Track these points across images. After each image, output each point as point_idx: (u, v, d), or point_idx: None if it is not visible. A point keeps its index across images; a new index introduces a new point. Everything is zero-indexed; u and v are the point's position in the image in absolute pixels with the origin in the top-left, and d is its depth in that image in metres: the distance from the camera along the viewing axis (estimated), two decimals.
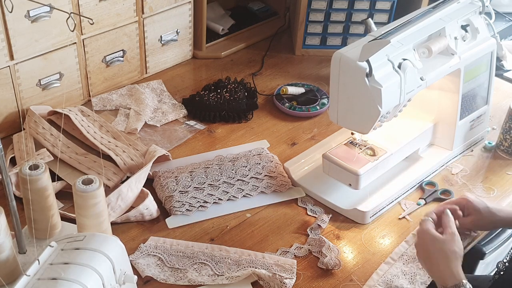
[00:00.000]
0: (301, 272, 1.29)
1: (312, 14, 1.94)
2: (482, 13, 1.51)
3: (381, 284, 1.26)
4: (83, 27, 1.63)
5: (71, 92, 1.69)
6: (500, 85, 1.89)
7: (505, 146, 1.60)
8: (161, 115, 1.72)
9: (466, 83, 1.53)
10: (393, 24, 1.34)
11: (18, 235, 1.11)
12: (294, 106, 1.75)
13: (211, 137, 1.66)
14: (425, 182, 1.51)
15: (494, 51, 1.56)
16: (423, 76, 1.38)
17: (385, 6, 1.93)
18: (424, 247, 1.24)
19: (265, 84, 1.88)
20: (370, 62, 1.28)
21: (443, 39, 1.42)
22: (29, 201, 1.14)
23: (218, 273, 1.27)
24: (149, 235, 1.36)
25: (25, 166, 1.13)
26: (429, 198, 1.47)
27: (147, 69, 1.87)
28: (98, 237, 1.04)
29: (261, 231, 1.39)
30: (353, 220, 1.42)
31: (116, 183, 1.44)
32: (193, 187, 1.46)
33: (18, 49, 1.51)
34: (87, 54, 1.68)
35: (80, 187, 1.10)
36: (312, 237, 1.37)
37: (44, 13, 1.51)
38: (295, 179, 1.51)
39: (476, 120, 1.60)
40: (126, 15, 1.71)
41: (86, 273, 0.96)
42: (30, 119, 1.56)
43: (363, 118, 1.35)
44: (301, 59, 2.01)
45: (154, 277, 1.26)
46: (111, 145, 1.52)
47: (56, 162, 1.43)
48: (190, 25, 1.91)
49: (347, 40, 1.99)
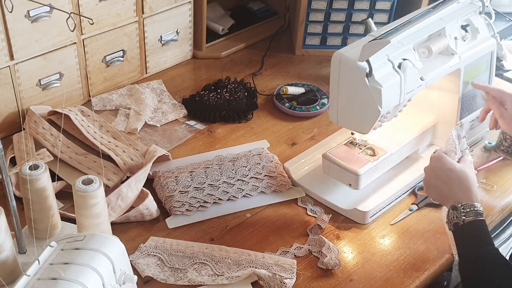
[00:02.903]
0: (301, 272, 1.29)
1: (312, 14, 1.94)
2: (482, 13, 1.51)
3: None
4: (83, 27, 1.63)
5: (71, 92, 1.69)
6: (500, 85, 1.88)
7: (505, 146, 1.60)
8: (161, 115, 1.72)
9: (466, 83, 1.53)
10: (393, 24, 1.34)
11: (18, 235, 1.11)
12: (294, 106, 1.75)
13: (211, 137, 1.66)
14: (418, 187, 1.50)
15: (494, 51, 1.56)
16: (423, 76, 1.38)
17: (385, 6, 1.93)
18: (438, 171, 1.30)
19: (265, 84, 1.88)
20: (370, 62, 1.28)
21: (443, 39, 1.42)
22: (29, 201, 1.14)
23: (218, 273, 1.27)
24: (149, 235, 1.36)
25: (25, 166, 1.12)
26: (421, 204, 1.46)
27: (147, 69, 1.87)
28: (98, 237, 1.04)
29: (261, 231, 1.39)
30: (353, 220, 1.42)
31: (116, 183, 1.44)
32: (193, 187, 1.46)
33: (18, 49, 1.51)
34: (87, 54, 1.68)
35: (80, 187, 1.10)
36: (312, 237, 1.37)
37: (44, 13, 1.51)
38: (295, 179, 1.51)
39: (476, 120, 1.60)
40: (126, 15, 1.71)
41: (86, 273, 0.96)
42: (30, 119, 1.56)
43: (363, 118, 1.35)
44: (301, 59, 2.01)
45: (154, 277, 1.26)
46: (111, 145, 1.52)
47: (56, 162, 1.43)
48: (190, 25, 1.91)
49: (347, 40, 1.99)
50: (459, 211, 1.22)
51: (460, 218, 1.21)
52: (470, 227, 1.20)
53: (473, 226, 1.20)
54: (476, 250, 1.18)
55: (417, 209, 1.45)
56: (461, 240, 1.22)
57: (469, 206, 1.21)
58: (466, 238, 1.21)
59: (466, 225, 1.21)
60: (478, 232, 1.20)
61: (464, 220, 1.21)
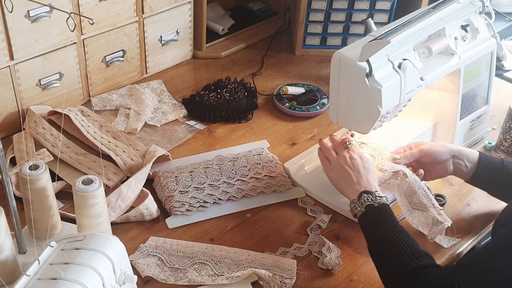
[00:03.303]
0: (301, 272, 1.29)
1: (312, 14, 1.94)
2: (482, 13, 1.51)
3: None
4: (83, 27, 1.63)
5: (71, 92, 1.69)
6: (500, 85, 1.89)
7: (505, 146, 1.60)
8: (161, 115, 1.72)
9: (466, 83, 1.53)
10: (393, 24, 1.34)
11: (18, 235, 1.11)
12: (294, 106, 1.75)
13: (211, 137, 1.66)
14: None
15: (494, 51, 1.56)
16: (423, 76, 1.38)
17: (385, 6, 1.93)
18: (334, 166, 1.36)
19: (265, 84, 1.88)
20: (370, 62, 1.28)
21: (443, 39, 1.42)
22: (29, 201, 1.14)
23: (218, 273, 1.27)
24: (149, 235, 1.36)
25: (25, 166, 1.13)
26: None
27: (147, 69, 1.87)
28: (98, 237, 1.04)
29: (261, 231, 1.39)
30: (353, 220, 1.42)
31: (116, 183, 1.44)
32: (193, 187, 1.46)
33: (18, 49, 1.51)
34: (87, 54, 1.68)
35: (80, 187, 1.10)
36: (312, 237, 1.37)
37: (44, 13, 1.51)
38: (295, 179, 1.51)
39: (476, 120, 1.60)
40: (126, 15, 1.71)
41: (86, 273, 0.96)
42: (30, 119, 1.56)
43: (363, 118, 1.35)
44: (301, 59, 2.01)
45: (154, 277, 1.26)
46: (111, 145, 1.52)
47: (56, 162, 1.43)
48: (190, 25, 1.91)
49: (347, 40, 1.99)
50: (373, 195, 1.26)
51: (375, 201, 1.25)
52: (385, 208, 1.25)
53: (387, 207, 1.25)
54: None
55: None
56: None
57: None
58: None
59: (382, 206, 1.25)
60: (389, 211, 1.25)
61: (380, 201, 1.25)
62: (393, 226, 1.21)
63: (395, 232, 1.19)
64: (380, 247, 1.21)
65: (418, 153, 1.40)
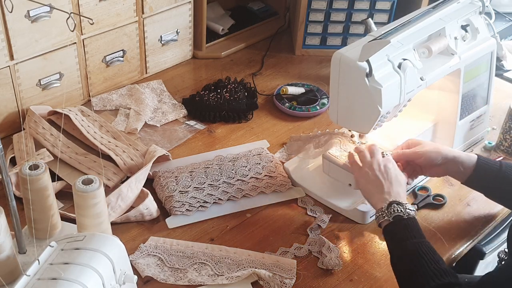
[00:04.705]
0: (301, 272, 1.29)
1: (312, 14, 1.94)
2: (482, 13, 1.51)
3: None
4: (83, 27, 1.63)
5: (71, 92, 1.69)
6: (500, 85, 1.89)
7: (505, 146, 1.60)
8: (161, 115, 1.72)
9: (466, 83, 1.52)
10: (393, 24, 1.34)
11: (18, 235, 1.11)
12: (294, 106, 1.75)
13: (211, 137, 1.66)
14: (418, 187, 1.50)
15: (494, 51, 1.56)
16: (423, 76, 1.38)
17: (385, 6, 1.93)
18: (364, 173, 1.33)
19: (265, 84, 1.88)
20: (370, 62, 1.28)
21: (443, 39, 1.42)
22: (29, 201, 1.14)
23: (218, 273, 1.27)
24: (149, 235, 1.36)
25: (25, 166, 1.12)
26: (421, 203, 1.46)
27: (147, 69, 1.87)
28: (98, 237, 1.04)
29: (261, 231, 1.39)
30: (353, 220, 1.42)
31: (116, 183, 1.44)
32: (193, 187, 1.46)
33: (18, 49, 1.51)
34: (87, 54, 1.68)
35: (80, 187, 1.10)
36: (312, 237, 1.37)
37: (44, 13, 1.51)
38: (295, 179, 1.51)
39: (476, 120, 1.60)
40: (126, 15, 1.71)
41: (86, 273, 0.96)
42: (30, 119, 1.56)
43: (363, 118, 1.35)
44: (301, 59, 2.01)
45: (154, 277, 1.26)
46: (111, 145, 1.52)
47: (56, 162, 1.43)
48: (190, 25, 1.91)
49: (347, 40, 1.99)
50: (403, 206, 1.24)
51: (404, 213, 1.23)
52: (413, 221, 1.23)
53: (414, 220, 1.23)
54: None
55: (417, 209, 1.45)
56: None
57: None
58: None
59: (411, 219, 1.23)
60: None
61: (409, 214, 1.23)
62: (420, 240, 1.18)
63: (422, 247, 1.16)
64: (404, 260, 1.18)
65: (412, 155, 1.39)
